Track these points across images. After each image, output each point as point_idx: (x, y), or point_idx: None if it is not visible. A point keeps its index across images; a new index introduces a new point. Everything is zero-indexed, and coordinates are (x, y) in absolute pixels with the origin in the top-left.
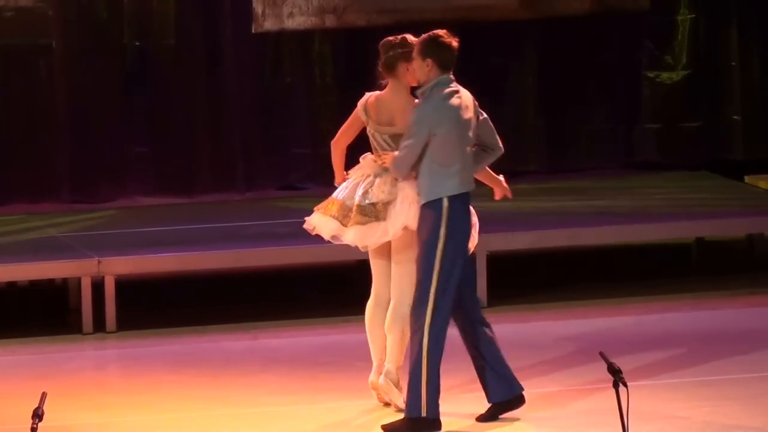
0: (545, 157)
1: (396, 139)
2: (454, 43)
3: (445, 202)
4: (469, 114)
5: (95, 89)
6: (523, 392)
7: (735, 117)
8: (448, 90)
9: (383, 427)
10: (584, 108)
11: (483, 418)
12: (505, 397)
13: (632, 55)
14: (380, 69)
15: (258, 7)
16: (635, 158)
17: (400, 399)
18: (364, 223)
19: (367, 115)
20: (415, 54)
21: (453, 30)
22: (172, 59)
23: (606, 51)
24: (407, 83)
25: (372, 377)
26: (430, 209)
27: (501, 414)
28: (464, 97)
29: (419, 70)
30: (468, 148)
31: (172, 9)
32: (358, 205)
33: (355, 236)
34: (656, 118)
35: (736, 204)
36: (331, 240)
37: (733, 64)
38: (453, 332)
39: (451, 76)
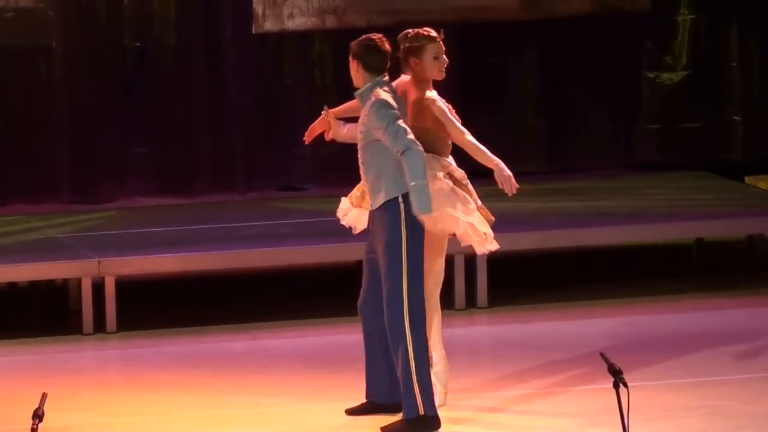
0: (545, 158)
1: None
2: (385, 47)
3: (401, 200)
4: None
5: (95, 89)
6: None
7: (735, 117)
8: (387, 88)
9: (382, 429)
10: (584, 108)
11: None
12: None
13: (632, 55)
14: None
15: (258, 8)
16: (635, 158)
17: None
18: (365, 209)
19: None
20: (350, 56)
21: (453, 30)
22: (172, 60)
23: (606, 51)
24: (418, 77)
25: None
26: (386, 210)
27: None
28: None
29: (352, 70)
30: None
31: (173, 9)
32: (364, 191)
33: (350, 218)
34: (656, 118)
35: (737, 204)
36: (338, 215)
37: (733, 64)
38: (457, 332)
39: (386, 78)
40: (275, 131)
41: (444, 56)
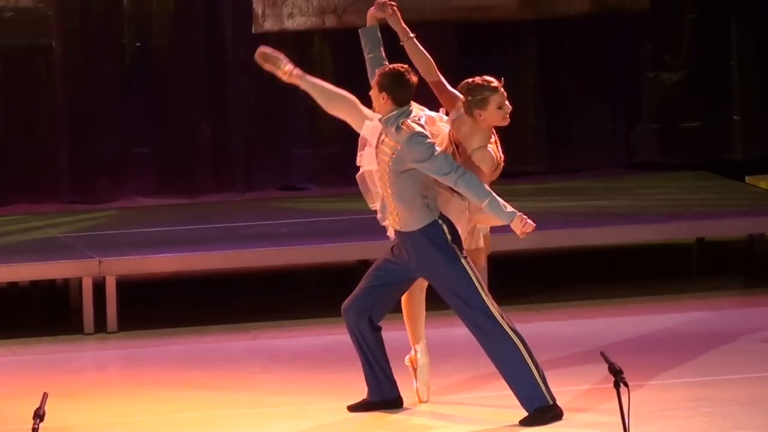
0: (545, 157)
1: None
2: (413, 79)
3: (440, 221)
4: None
5: (95, 89)
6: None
7: (735, 117)
8: (414, 117)
9: (521, 422)
10: (584, 108)
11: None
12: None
13: (632, 55)
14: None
15: (258, 8)
16: (635, 158)
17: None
18: None
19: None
20: (373, 84)
21: (453, 30)
22: (172, 60)
23: (606, 51)
24: (484, 127)
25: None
26: (428, 236)
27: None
28: None
29: (375, 100)
30: None
31: (172, 9)
32: None
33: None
34: (656, 118)
35: (737, 204)
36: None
37: (733, 64)
38: (456, 332)
39: (411, 108)
40: (275, 131)
41: (507, 103)
